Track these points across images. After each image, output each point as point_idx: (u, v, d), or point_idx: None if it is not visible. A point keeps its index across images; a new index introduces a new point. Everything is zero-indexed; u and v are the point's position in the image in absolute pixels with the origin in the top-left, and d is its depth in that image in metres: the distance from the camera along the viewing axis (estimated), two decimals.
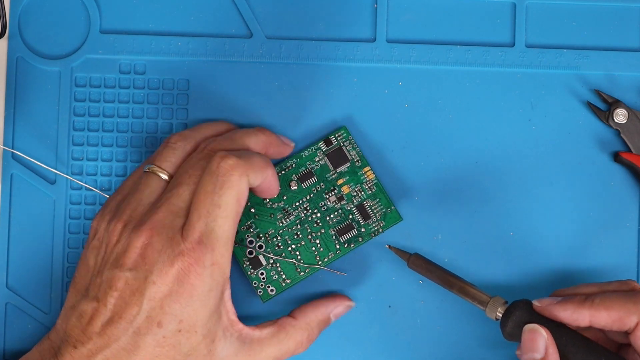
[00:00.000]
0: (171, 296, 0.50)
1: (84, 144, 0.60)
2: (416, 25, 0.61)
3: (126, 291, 0.51)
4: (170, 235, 0.51)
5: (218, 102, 0.60)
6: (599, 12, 0.61)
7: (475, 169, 0.60)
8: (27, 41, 0.60)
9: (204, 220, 0.51)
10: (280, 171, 0.59)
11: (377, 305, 0.60)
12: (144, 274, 0.51)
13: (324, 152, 0.59)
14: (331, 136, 0.59)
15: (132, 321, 0.50)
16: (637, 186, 0.60)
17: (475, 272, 0.59)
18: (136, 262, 0.51)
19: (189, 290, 0.51)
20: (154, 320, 0.50)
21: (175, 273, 0.50)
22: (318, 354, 0.59)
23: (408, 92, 0.60)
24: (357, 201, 0.59)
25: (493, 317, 0.55)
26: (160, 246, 0.51)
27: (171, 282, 0.50)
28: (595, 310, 0.52)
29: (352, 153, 0.59)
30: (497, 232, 0.60)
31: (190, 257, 0.50)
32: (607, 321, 0.52)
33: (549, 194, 0.60)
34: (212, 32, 0.60)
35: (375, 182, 0.59)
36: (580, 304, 0.53)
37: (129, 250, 0.51)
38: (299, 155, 0.59)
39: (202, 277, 0.51)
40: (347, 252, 0.59)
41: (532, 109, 0.60)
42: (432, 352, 0.59)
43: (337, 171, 0.59)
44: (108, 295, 0.51)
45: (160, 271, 0.50)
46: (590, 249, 0.60)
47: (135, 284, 0.51)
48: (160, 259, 0.51)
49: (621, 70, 0.61)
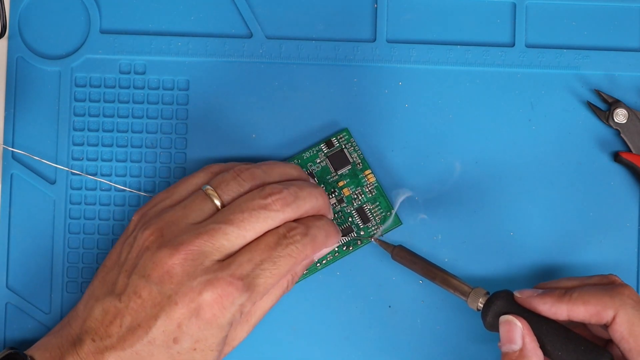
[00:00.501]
0: (190, 319, 0.51)
1: (84, 144, 0.60)
2: (416, 26, 0.61)
3: (148, 302, 0.51)
4: (205, 263, 0.51)
5: (218, 102, 0.60)
6: (599, 12, 0.61)
7: (475, 169, 0.60)
8: (27, 41, 0.60)
9: (253, 265, 0.52)
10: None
11: (377, 305, 0.60)
12: (169, 292, 0.51)
13: (325, 153, 0.59)
14: (333, 138, 0.59)
15: (148, 331, 0.51)
16: (637, 186, 0.60)
17: (475, 272, 0.59)
18: (162, 278, 0.51)
19: (209, 319, 0.51)
20: (170, 336, 0.51)
21: (200, 301, 0.51)
22: (318, 354, 0.59)
23: (408, 92, 0.60)
24: (357, 204, 0.59)
25: (474, 307, 0.55)
26: (192, 270, 0.51)
27: (194, 307, 0.51)
28: (573, 305, 0.53)
29: (354, 156, 0.59)
30: (497, 232, 0.60)
31: (223, 290, 0.51)
32: (584, 315, 0.52)
33: (549, 193, 0.60)
34: (212, 32, 0.60)
35: (375, 185, 0.59)
36: (559, 298, 0.53)
37: (158, 265, 0.51)
38: (300, 156, 0.59)
39: (225, 313, 0.51)
40: (346, 255, 0.59)
41: (532, 108, 0.60)
42: (432, 352, 0.59)
43: (338, 173, 0.59)
44: (131, 301, 0.51)
45: (186, 295, 0.51)
46: (590, 249, 0.60)
47: (158, 298, 0.51)
48: (189, 283, 0.51)
49: (621, 70, 0.61)
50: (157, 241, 0.52)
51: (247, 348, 0.59)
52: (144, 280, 0.51)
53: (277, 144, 0.60)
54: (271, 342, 0.59)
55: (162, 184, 0.60)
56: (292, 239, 0.53)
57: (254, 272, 0.51)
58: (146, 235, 0.53)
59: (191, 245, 0.51)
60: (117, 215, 0.59)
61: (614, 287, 0.53)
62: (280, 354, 0.59)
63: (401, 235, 0.59)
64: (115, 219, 0.59)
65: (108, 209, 0.59)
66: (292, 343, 0.59)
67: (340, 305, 0.60)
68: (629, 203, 0.60)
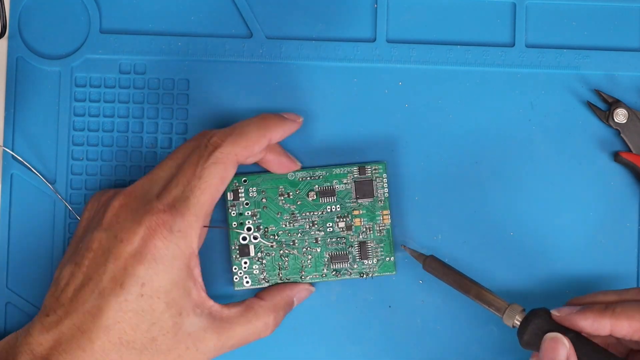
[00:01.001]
0: (135, 256, 0.51)
1: (84, 143, 0.60)
2: (416, 25, 0.61)
3: (99, 251, 0.51)
4: (146, 198, 0.52)
5: (218, 102, 0.60)
6: (599, 12, 0.61)
7: (475, 169, 0.60)
8: (27, 41, 0.60)
9: (181, 187, 0.52)
10: (306, 177, 0.59)
11: (377, 305, 0.60)
12: (114, 232, 0.51)
13: (354, 177, 0.59)
14: (367, 166, 0.59)
15: (98, 282, 0.51)
16: (637, 186, 0.60)
17: (475, 272, 0.59)
18: (110, 222, 0.52)
19: (152, 252, 0.51)
20: (118, 281, 0.51)
21: (141, 232, 0.51)
22: (319, 354, 0.59)
23: (408, 92, 0.60)
24: (363, 237, 0.59)
25: (510, 324, 0.54)
26: (135, 206, 0.52)
27: (137, 241, 0.51)
28: (617, 320, 0.51)
29: (380, 191, 0.59)
30: (497, 231, 0.60)
31: (159, 218, 0.51)
32: (628, 331, 0.51)
33: (549, 193, 0.60)
34: (212, 32, 0.60)
35: (387, 228, 0.59)
36: (601, 313, 0.52)
37: (109, 210, 0.52)
38: (330, 169, 0.59)
39: (166, 241, 0.51)
40: (332, 279, 0.59)
41: (532, 108, 0.60)
42: (432, 352, 0.59)
43: (358, 201, 0.59)
44: (84, 258, 0.52)
45: (129, 229, 0.51)
46: (591, 249, 0.60)
47: (107, 243, 0.51)
48: (130, 217, 0.51)
49: (621, 70, 0.61)
50: (108, 199, 0.54)
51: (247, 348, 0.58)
52: (96, 231, 0.52)
53: None
54: (271, 342, 0.59)
55: None
56: (213, 144, 0.53)
57: (183, 194, 0.52)
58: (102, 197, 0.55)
59: (134, 187, 0.53)
60: None
61: None
62: (281, 354, 0.59)
63: (401, 236, 0.59)
64: None
65: None
66: (293, 343, 0.59)
67: (340, 305, 0.60)
68: (629, 203, 0.60)
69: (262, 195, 0.59)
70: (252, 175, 0.59)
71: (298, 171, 0.59)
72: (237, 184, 0.59)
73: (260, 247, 0.58)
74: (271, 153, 0.57)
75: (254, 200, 0.59)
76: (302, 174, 0.59)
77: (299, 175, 0.59)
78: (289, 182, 0.59)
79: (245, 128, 0.54)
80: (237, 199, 0.59)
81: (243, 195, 0.59)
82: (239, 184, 0.59)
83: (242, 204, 0.59)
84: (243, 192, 0.59)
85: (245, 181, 0.59)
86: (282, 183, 0.59)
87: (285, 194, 0.59)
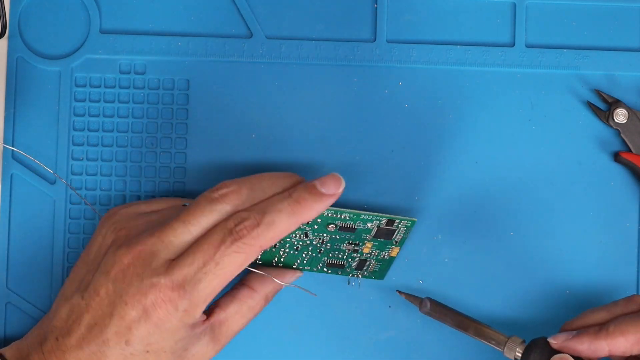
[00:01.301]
0: (139, 322, 0.50)
1: (84, 144, 0.60)
2: (416, 26, 0.61)
3: (105, 300, 0.51)
4: (154, 264, 0.51)
5: (218, 102, 0.60)
6: (599, 12, 0.61)
7: (476, 169, 0.60)
8: (27, 41, 0.60)
9: (195, 268, 0.50)
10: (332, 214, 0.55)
11: (377, 305, 0.60)
12: (120, 291, 0.51)
13: (379, 225, 0.56)
14: (397, 221, 0.56)
15: (103, 330, 0.51)
16: (637, 186, 0.60)
17: (475, 271, 0.59)
18: (117, 277, 0.51)
19: (156, 323, 0.50)
20: (122, 337, 0.51)
21: (146, 303, 0.50)
22: (318, 354, 0.59)
23: (408, 92, 0.60)
24: (365, 257, 0.58)
25: (512, 357, 0.55)
26: (141, 270, 0.51)
27: (141, 310, 0.50)
28: (612, 339, 0.52)
29: (398, 237, 0.57)
30: (497, 231, 0.60)
31: (165, 295, 0.50)
32: (625, 347, 0.52)
33: (549, 193, 0.60)
34: (212, 32, 0.60)
35: (392, 256, 0.58)
36: (596, 336, 0.52)
37: (116, 263, 0.51)
38: (358, 213, 0.55)
39: (171, 318, 0.50)
40: (325, 273, 0.59)
41: (532, 108, 0.60)
42: (433, 352, 0.59)
43: (373, 238, 0.57)
44: (92, 299, 0.51)
45: (134, 296, 0.50)
46: (590, 249, 0.60)
47: (113, 296, 0.51)
48: (136, 284, 0.50)
49: (621, 70, 0.61)
50: (120, 239, 0.52)
51: (247, 348, 0.59)
52: (104, 277, 0.51)
53: (277, 144, 0.60)
54: (271, 342, 0.59)
55: (162, 184, 0.60)
56: (239, 233, 0.50)
57: (195, 276, 0.50)
58: (113, 234, 0.53)
59: (144, 244, 0.51)
60: None
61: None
62: (281, 354, 0.59)
63: None
64: None
65: (108, 208, 0.59)
66: (292, 343, 0.59)
67: (340, 305, 0.59)
68: (629, 203, 0.60)
69: None
70: None
71: None
72: None
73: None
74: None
75: None
76: (329, 211, 0.55)
77: (326, 212, 0.55)
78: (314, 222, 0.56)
79: (275, 218, 0.51)
80: None
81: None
82: None
83: None
84: None
85: None
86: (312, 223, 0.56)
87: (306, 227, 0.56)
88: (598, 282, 0.60)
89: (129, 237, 0.52)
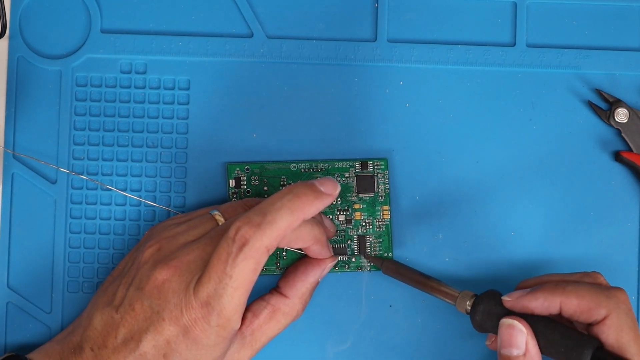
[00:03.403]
0: (178, 337, 0.51)
1: (84, 143, 0.60)
2: (417, 25, 0.61)
3: (141, 315, 0.51)
4: (188, 281, 0.51)
5: (219, 102, 0.60)
6: (599, 12, 0.61)
7: (476, 168, 0.60)
8: (28, 41, 0.60)
9: (213, 284, 0.50)
10: (308, 168, 0.59)
11: (377, 305, 0.60)
12: (157, 307, 0.51)
13: (355, 172, 0.59)
14: (369, 162, 0.59)
15: (139, 344, 0.51)
16: (638, 186, 0.60)
17: (476, 271, 0.59)
18: (152, 293, 0.51)
19: (194, 340, 0.51)
20: (161, 351, 0.51)
21: (183, 322, 0.51)
22: (318, 354, 0.59)
23: (409, 91, 0.60)
24: (362, 232, 0.59)
25: (463, 310, 0.55)
26: (177, 288, 0.51)
27: (179, 327, 0.51)
28: (566, 297, 0.52)
29: (381, 187, 0.59)
30: (497, 231, 0.60)
31: (197, 313, 0.51)
32: (575, 309, 0.52)
33: (550, 193, 0.60)
34: (213, 32, 0.60)
35: (387, 223, 0.59)
36: (552, 291, 0.52)
37: (151, 279, 0.52)
38: (332, 162, 0.59)
39: (207, 333, 0.51)
40: (330, 272, 0.59)
41: (533, 108, 0.60)
42: (433, 352, 0.60)
43: (358, 196, 0.59)
44: (127, 313, 0.52)
45: (171, 313, 0.51)
46: (591, 249, 0.60)
47: (149, 312, 0.51)
48: (173, 302, 0.51)
49: (622, 69, 0.61)
50: (155, 255, 0.53)
51: None
52: (139, 293, 0.52)
53: (277, 143, 0.60)
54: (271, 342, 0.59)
55: (163, 183, 0.60)
56: (242, 240, 0.50)
57: (216, 292, 0.50)
58: (147, 250, 0.53)
59: (180, 262, 0.52)
60: (118, 215, 0.60)
61: (609, 289, 0.53)
62: (281, 353, 0.59)
63: (402, 235, 0.59)
64: (116, 219, 0.60)
65: (109, 208, 0.59)
66: (293, 343, 0.59)
67: (341, 305, 0.60)
68: (630, 202, 0.60)
69: (263, 184, 0.59)
70: (254, 164, 0.59)
71: (300, 162, 0.59)
72: (240, 171, 0.59)
73: None
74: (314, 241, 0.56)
75: (256, 188, 0.59)
76: (304, 165, 0.59)
77: (302, 167, 0.59)
78: (290, 173, 0.59)
79: (276, 216, 0.50)
80: (239, 187, 0.59)
81: (245, 184, 0.59)
82: (242, 172, 0.59)
83: (244, 192, 0.59)
84: (245, 181, 0.59)
85: (248, 169, 0.59)
86: (284, 173, 0.59)
87: (287, 184, 0.59)
88: None
89: (163, 253, 0.53)
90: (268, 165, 0.59)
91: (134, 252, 0.56)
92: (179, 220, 0.56)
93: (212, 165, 0.60)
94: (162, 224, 0.57)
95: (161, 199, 0.60)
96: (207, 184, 0.60)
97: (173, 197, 0.60)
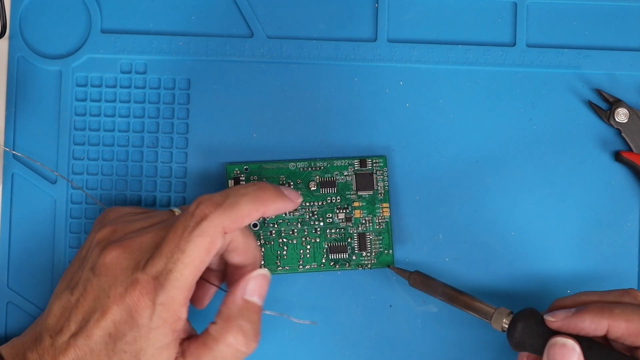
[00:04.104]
0: (122, 317, 0.50)
1: (84, 143, 0.60)
2: (417, 25, 0.61)
3: (91, 295, 0.51)
4: (138, 259, 0.51)
5: (219, 102, 0.60)
6: (600, 12, 0.61)
7: (476, 168, 0.60)
8: (28, 41, 0.60)
9: (164, 259, 0.50)
10: (307, 167, 0.59)
11: (377, 305, 0.60)
12: (104, 284, 0.51)
13: (354, 170, 0.59)
14: (368, 159, 0.59)
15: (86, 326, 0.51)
16: (638, 186, 0.60)
17: (476, 271, 0.59)
18: (101, 272, 0.51)
19: (135, 318, 0.50)
20: (106, 331, 0.51)
21: (126, 300, 0.50)
22: (318, 354, 0.59)
23: (409, 91, 0.60)
24: (362, 230, 0.59)
25: (499, 328, 0.55)
26: (126, 266, 0.51)
27: (122, 304, 0.50)
28: (615, 320, 0.51)
29: (380, 184, 0.59)
30: (498, 231, 0.60)
31: (143, 289, 0.50)
32: (623, 332, 0.51)
33: (550, 193, 0.60)
34: (213, 32, 0.60)
35: (386, 221, 0.59)
36: (599, 312, 0.51)
37: (101, 258, 0.51)
38: (331, 161, 0.59)
39: (148, 312, 0.50)
40: (330, 270, 0.59)
41: (533, 108, 0.60)
42: (433, 352, 0.59)
43: (358, 194, 0.59)
44: (80, 295, 0.52)
45: (116, 289, 0.51)
46: (591, 249, 0.60)
47: (97, 292, 0.51)
48: (120, 278, 0.51)
49: (622, 69, 0.61)
50: (109, 236, 0.53)
51: None
52: (90, 273, 0.52)
53: (277, 143, 0.60)
54: (271, 342, 0.59)
55: (163, 183, 0.60)
56: (200, 214, 0.50)
57: (166, 267, 0.50)
58: (102, 231, 0.53)
59: (132, 241, 0.51)
60: None
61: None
62: (281, 353, 0.59)
63: (402, 235, 0.59)
64: None
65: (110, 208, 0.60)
66: (293, 343, 0.59)
67: (341, 305, 0.60)
68: (630, 202, 0.60)
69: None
70: (253, 164, 0.59)
71: (299, 161, 0.59)
72: (239, 171, 0.59)
73: (259, 236, 0.59)
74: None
75: None
76: (303, 164, 0.59)
77: (300, 166, 0.59)
78: (289, 172, 0.59)
79: (238, 199, 0.51)
80: None
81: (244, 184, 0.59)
82: (240, 172, 0.59)
83: None
84: (244, 181, 0.59)
85: (247, 169, 0.59)
86: (283, 172, 0.59)
87: (286, 183, 0.59)
88: (599, 281, 0.60)
89: (117, 235, 0.53)
90: (267, 165, 0.59)
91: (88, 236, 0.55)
92: (136, 211, 0.56)
93: (211, 165, 0.60)
94: (118, 210, 0.56)
95: (161, 199, 0.60)
96: (206, 184, 0.60)
97: (173, 197, 0.60)
